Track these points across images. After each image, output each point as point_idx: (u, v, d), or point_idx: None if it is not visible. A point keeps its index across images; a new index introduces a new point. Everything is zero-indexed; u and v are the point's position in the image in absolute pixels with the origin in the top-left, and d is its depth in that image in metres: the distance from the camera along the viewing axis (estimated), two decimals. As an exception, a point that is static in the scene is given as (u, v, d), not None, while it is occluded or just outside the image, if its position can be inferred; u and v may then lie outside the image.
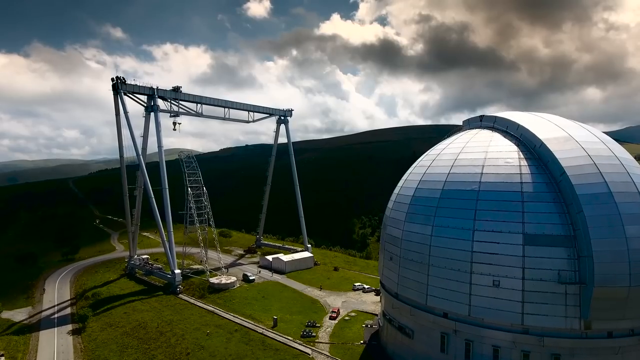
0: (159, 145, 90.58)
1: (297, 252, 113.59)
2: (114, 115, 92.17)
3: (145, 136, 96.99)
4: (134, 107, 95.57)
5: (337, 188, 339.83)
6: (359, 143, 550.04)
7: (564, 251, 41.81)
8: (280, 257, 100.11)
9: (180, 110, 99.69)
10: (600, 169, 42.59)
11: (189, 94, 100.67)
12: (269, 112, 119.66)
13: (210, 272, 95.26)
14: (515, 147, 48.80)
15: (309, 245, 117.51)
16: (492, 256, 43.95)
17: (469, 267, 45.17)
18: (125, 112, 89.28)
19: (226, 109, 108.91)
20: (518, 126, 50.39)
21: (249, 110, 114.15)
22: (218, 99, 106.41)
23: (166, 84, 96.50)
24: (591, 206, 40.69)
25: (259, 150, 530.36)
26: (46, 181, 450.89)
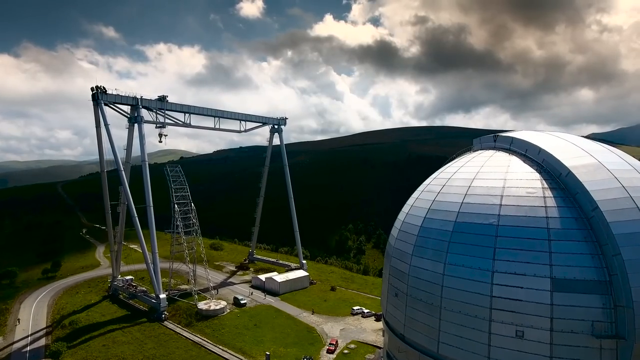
0: (143, 160, 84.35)
1: (291, 269, 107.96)
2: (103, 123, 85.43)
3: (128, 149, 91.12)
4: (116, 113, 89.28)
5: (332, 192, 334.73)
6: (354, 145, 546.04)
7: (598, 299, 36.30)
8: (274, 278, 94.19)
9: (167, 120, 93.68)
10: (638, 204, 37.23)
11: (176, 104, 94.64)
12: (262, 121, 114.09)
13: (198, 294, 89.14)
14: (537, 175, 43.24)
15: (304, 262, 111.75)
16: (514, 303, 38.32)
17: (487, 313, 39.53)
18: (106, 124, 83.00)
19: (216, 118, 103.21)
20: (540, 150, 44.84)
21: (240, 120, 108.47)
22: (208, 109, 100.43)
23: (160, 84, 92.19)
24: (630, 248, 35.25)
25: (253, 153, 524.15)
26: (34, 185, 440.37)
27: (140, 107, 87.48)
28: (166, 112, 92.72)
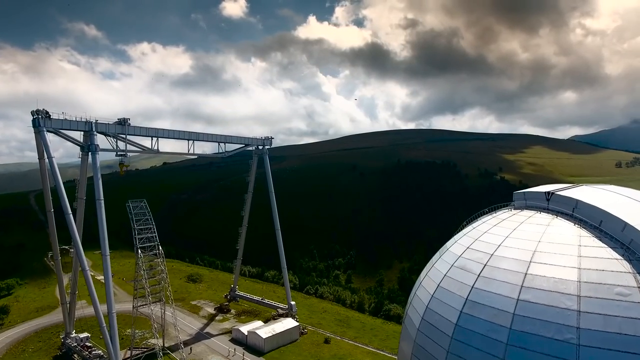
0: (98, 199, 69.48)
1: (278, 315, 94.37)
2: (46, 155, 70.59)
3: (82, 182, 76.06)
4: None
5: (321, 200, 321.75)
6: (342, 150, 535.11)
7: None
8: (258, 332, 80.00)
9: (129, 147, 78.98)
10: None
11: (140, 127, 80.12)
12: (244, 142, 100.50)
13: (167, 354, 74.85)
14: (626, 265, 30.61)
15: (293, 303, 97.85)
16: None
17: None
18: (50, 157, 68.09)
19: (190, 142, 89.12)
20: (625, 225, 32.21)
21: (219, 142, 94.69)
22: (179, 131, 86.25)
23: (144, 86, 77.24)
24: None
25: (238, 157, 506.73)
26: (5, 195, 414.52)
27: (95, 133, 72.70)
28: (128, 137, 78.09)
